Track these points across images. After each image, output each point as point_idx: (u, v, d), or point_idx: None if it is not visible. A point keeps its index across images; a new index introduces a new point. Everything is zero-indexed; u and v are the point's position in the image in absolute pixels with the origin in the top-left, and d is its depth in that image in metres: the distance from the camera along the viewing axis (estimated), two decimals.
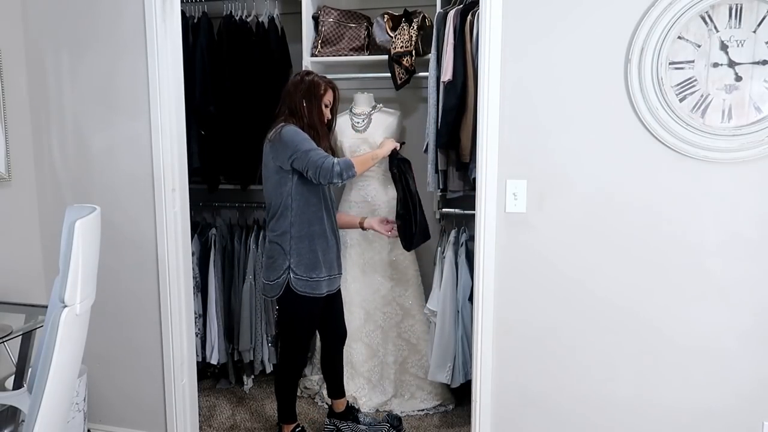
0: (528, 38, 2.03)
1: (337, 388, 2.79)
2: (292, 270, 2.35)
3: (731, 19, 1.86)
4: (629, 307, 2.06)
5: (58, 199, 2.59)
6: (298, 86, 2.41)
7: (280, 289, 2.37)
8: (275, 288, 2.39)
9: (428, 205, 3.16)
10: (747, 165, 1.91)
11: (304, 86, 2.40)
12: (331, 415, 2.81)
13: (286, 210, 2.34)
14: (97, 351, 2.61)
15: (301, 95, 2.39)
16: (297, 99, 2.39)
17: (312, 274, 2.37)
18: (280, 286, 2.37)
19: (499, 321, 2.18)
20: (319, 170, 2.23)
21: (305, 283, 2.36)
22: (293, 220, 2.33)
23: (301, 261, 2.35)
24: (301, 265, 2.35)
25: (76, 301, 1.68)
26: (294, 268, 2.35)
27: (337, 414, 2.79)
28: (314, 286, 2.38)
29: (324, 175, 2.24)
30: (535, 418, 2.20)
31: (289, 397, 2.60)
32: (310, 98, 2.39)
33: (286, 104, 2.42)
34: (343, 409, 2.79)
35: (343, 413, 2.79)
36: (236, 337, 3.17)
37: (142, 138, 2.43)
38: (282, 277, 2.36)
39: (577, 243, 2.07)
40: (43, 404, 1.62)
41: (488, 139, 2.09)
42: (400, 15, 2.90)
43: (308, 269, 2.36)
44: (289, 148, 2.27)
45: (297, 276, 2.35)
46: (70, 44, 2.48)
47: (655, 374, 2.07)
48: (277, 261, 2.37)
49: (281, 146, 2.29)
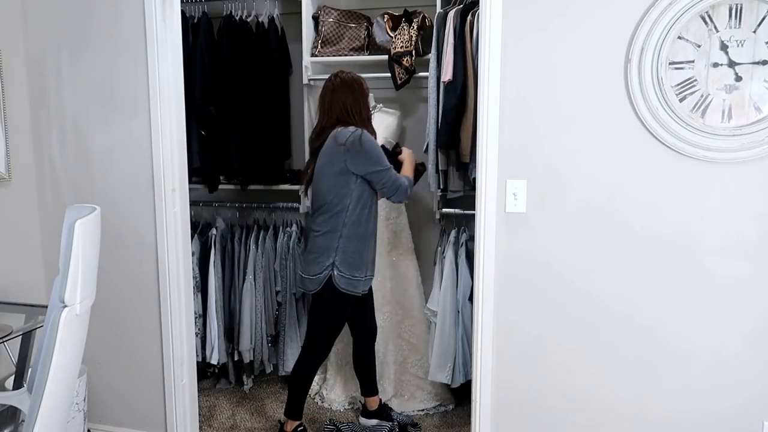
0: (528, 38, 2.03)
1: (370, 386, 2.79)
2: (337, 267, 2.39)
3: (731, 19, 1.86)
4: (629, 308, 2.06)
5: (58, 199, 2.59)
6: (341, 88, 2.44)
7: (320, 285, 2.41)
8: (314, 283, 2.42)
9: (428, 205, 3.17)
10: (747, 165, 1.91)
11: (348, 86, 2.44)
12: (365, 413, 2.81)
13: (342, 210, 2.38)
14: (98, 351, 2.61)
15: (349, 95, 2.43)
16: (346, 100, 2.42)
17: (354, 273, 2.42)
18: (320, 282, 2.41)
19: (499, 321, 2.18)
20: (397, 191, 2.40)
21: (347, 281, 2.41)
22: (346, 220, 2.39)
23: (345, 259, 2.40)
24: (345, 263, 2.40)
25: (76, 301, 1.68)
26: (338, 265, 2.39)
27: (371, 412, 2.78)
28: (355, 285, 2.44)
29: (399, 196, 2.42)
30: (535, 418, 2.20)
31: (302, 392, 2.61)
32: (357, 97, 2.44)
33: (334, 108, 2.43)
34: (376, 407, 2.79)
35: (378, 411, 2.78)
36: (236, 337, 3.17)
37: (142, 138, 2.43)
38: (324, 272, 2.40)
39: (577, 243, 2.07)
40: (43, 404, 1.62)
41: (488, 139, 2.09)
42: (400, 15, 2.91)
43: (351, 268, 2.41)
44: (370, 161, 2.34)
45: (340, 273, 2.40)
46: (70, 44, 2.48)
47: (655, 375, 2.06)
48: (321, 257, 2.41)
49: (361, 155, 2.33)
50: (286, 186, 3.21)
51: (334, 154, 2.36)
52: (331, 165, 2.37)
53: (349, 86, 2.44)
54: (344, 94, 2.43)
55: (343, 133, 2.34)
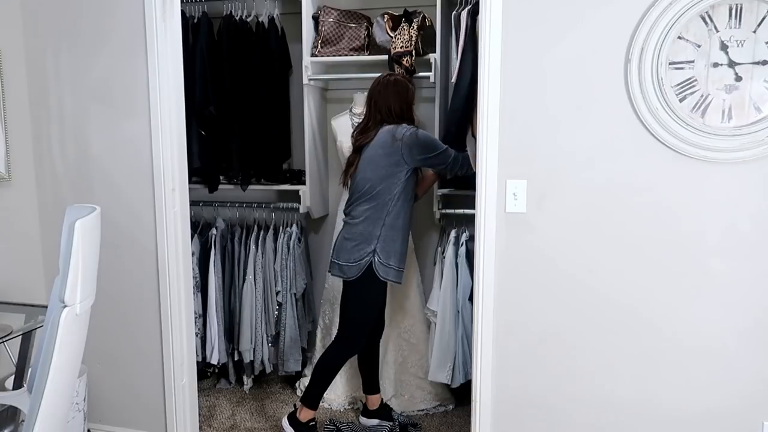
0: (528, 38, 2.02)
1: (372, 383, 2.80)
2: (377, 254, 2.50)
3: (731, 19, 1.86)
4: (629, 308, 2.06)
5: (58, 199, 2.59)
6: (387, 89, 2.57)
7: (360, 271, 2.50)
8: (354, 269, 2.51)
9: (428, 205, 3.16)
10: (747, 165, 1.91)
11: (394, 88, 2.58)
12: (365, 413, 2.81)
13: (390, 200, 2.51)
14: (97, 351, 2.61)
15: (396, 97, 2.57)
16: (393, 102, 2.56)
17: (389, 261, 2.53)
18: (361, 268, 2.50)
19: (499, 321, 2.17)
20: (462, 164, 2.55)
21: (385, 269, 2.52)
22: (391, 209, 2.51)
23: (384, 247, 2.51)
24: (384, 251, 2.51)
25: (76, 301, 1.68)
26: (379, 252, 2.50)
27: (371, 412, 2.78)
28: (389, 273, 2.54)
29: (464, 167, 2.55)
30: (536, 418, 2.20)
31: (324, 382, 2.64)
32: (404, 99, 2.58)
33: (381, 108, 2.57)
34: (377, 406, 2.79)
35: (378, 411, 2.78)
36: (236, 337, 3.17)
37: (142, 138, 2.43)
38: (366, 258, 2.50)
39: (577, 243, 2.07)
40: (43, 404, 1.62)
41: (488, 139, 2.09)
42: (400, 15, 2.90)
43: (387, 256, 2.52)
44: (428, 148, 2.51)
45: (380, 260, 2.50)
46: (70, 44, 2.48)
47: (656, 374, 2.06)
48: (362, 243, 2.50)
49: (418, 146, 2.49)
50: (286, 186, 3.20)
51: (389, 146, 2.49)
52: (386, 157, 2.49)
53: (395, 88, 2.57)
54: (391, 96, 2.56)
55: (401, 130, 2.50)
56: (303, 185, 3.14)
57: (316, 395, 2.62)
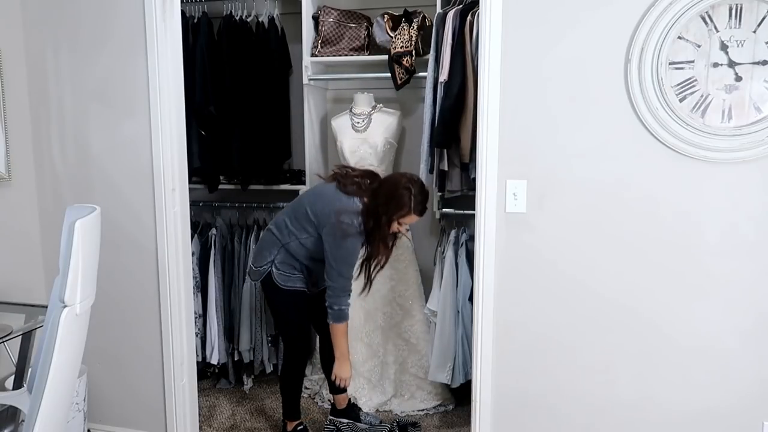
0: (528, 38, 2.03)
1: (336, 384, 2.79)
2: (276, 264, 2.47)
3: (731, 19, 1.86)
4: (629, 308, 2.06)
5: (58, 199, 2.59)
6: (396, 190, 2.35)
7: (260, 277, 2.50)
8: (256, 275, 2.53)
9: (429, 205, 3.16)
10: (747, 165, 1.91)
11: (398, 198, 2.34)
12: (334, 412, 2.81)
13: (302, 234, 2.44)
14: (97, 351, 2.61)
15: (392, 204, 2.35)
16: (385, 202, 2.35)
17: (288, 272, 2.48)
18: (261, 274, 2.50)
19: (499, 321, 2.17)
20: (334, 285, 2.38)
21: (283, 277, 2.47)
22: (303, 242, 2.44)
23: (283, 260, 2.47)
24: (283, 263, 2.48)
25: (76, 301, 1.68)
26: (278, 264, 2.47)
27: (339, 411, 2.79)
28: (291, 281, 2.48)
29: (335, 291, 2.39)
30: (535, 418, 2.20)
31: (293, 394, 2.64)
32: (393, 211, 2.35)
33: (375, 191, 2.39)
34: (345, 405, 2.79)
35: (345, 410, 2.79)
36: (236, 337, 3.17)
37: (142, 138, 2.43)
38: (263, 267, 2.49)
39: (577, 243, 2.07)
40: (43, 404, 1.62)
41: (488, 140, 2.09)
42: (400, 15, 2.90)
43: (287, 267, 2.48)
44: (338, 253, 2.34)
45: (277, 270, 2.47)
46: (70, 44, 2.48)
47: (656, 374, 2.06)
48: (264, 252, 2.50)
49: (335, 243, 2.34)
50: (286, 186, 3.21)
51: (327, 209, 2.36)
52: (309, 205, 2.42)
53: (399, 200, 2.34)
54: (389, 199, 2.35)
55: (347, 215, 2.32)
56: (303, 185, 3.15)
57: (291, 407, 2.67)
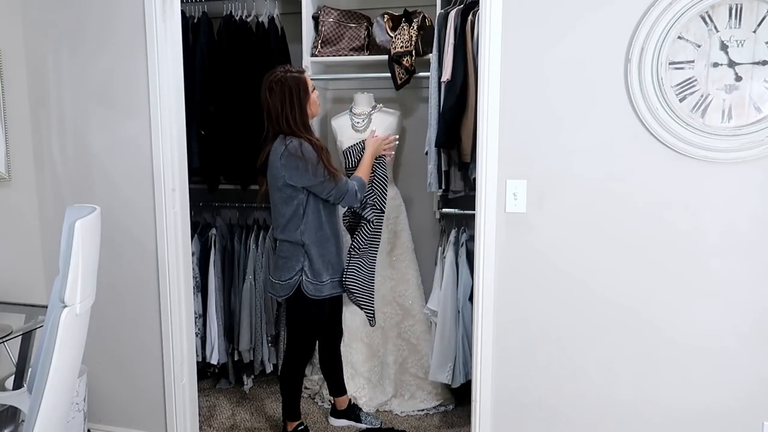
0: (528, 38, 2.03)
1: (338, 386, 2.80)
2: (305, 273, 2.40)
3: (731, 19, 1.86)
4: (629, 308, 2.06)
5: (58, 199, 2.59)
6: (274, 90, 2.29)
7: (291, 290, 2.42)
8: (285, 288, 2.42)
9: (428, 205, 3.17)
10: (747, 165, 1.91)
11: (280, 87, 2.28)
12: (334, 412, 2.81)
13: (298, 220, 2.37)
14: (97, 351, 2.61)
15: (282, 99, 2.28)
16: (280, 105, 2.28)
17: (319, 278, 2.43)
18: (291, 287, 2.41)
19: (499, 321, 2.18)
20: (343, 197, 2.37)
21: (315, 287, 2.42)
22: (303, 228, 2.38)
23: (312, 266, 2.41)
24: (312, 270, 2.41)
25: (76, 301, 1.68)
26: (306, 271, 2.40)
27: (339, 412, 2.79)
28: (321, 289, 2.44)
29: (346, 202, 2.41)
30: (536, 418, 2.20)
31: (293, 394, 2.64)
32: (292, 99, 2.28)
33: (271, 115, 2.32)
34: (345, 406, 2.79)
35: (346, 411, 2.79)
36: (236, 337, 3.17)
37: (142, 138, 2.43)
38: (294, 278, 2.40)
39: (577, 243, 2.07)
40: (43, 404, 1.62)
41: (488, 140, 2.09)
42: (400, 15, 2.90)
43: (316, 274, 2.42)
44: (306, 176, 2.27)
45: (308, 279, 2.41)
46: (70, 44, 2.48)
47: (655, 374, 2.07)
48: (290, 262, 2.40)
49: (298, 171, 2.27)
50: None
51: (275, 168, 2.32)
52: (274, 179, 2.34)
53: (281, 87, 2.27)
54: (277, 98, 2.28)
55: (278, 149, 2.28)
56: None
57: (292, 408, 2.66)
